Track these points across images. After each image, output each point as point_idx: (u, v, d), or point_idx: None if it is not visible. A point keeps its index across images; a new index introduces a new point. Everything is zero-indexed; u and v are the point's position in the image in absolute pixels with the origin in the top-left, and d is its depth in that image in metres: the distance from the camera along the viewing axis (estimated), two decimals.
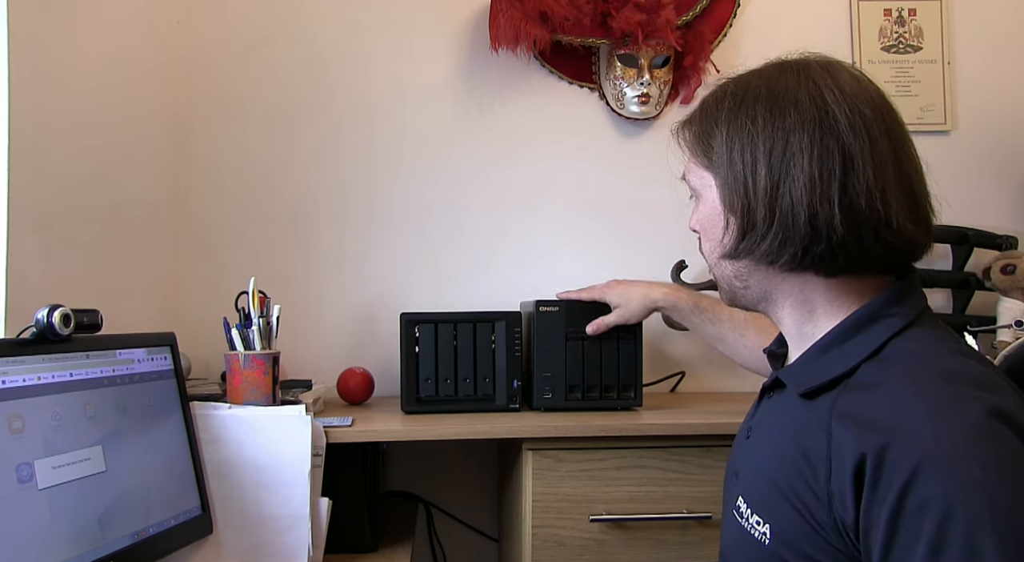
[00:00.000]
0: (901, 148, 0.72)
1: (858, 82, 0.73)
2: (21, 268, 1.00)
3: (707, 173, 0.77)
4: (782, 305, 0.77)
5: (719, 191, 0.75)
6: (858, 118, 0.70)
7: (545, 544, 1.14)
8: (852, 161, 0.68)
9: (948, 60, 1.66)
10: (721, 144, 0.74)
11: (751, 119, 0.72)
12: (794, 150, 0.69)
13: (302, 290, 1.53)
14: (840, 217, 0.68)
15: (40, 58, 1.06)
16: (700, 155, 0.77)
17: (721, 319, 1.20)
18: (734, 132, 0.73)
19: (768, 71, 0.75)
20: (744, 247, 0.73)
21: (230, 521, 1.05)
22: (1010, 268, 1.45)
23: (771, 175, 0.70)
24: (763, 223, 0.71)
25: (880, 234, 0.69)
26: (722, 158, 0.74)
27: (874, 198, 0.68)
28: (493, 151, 1.59)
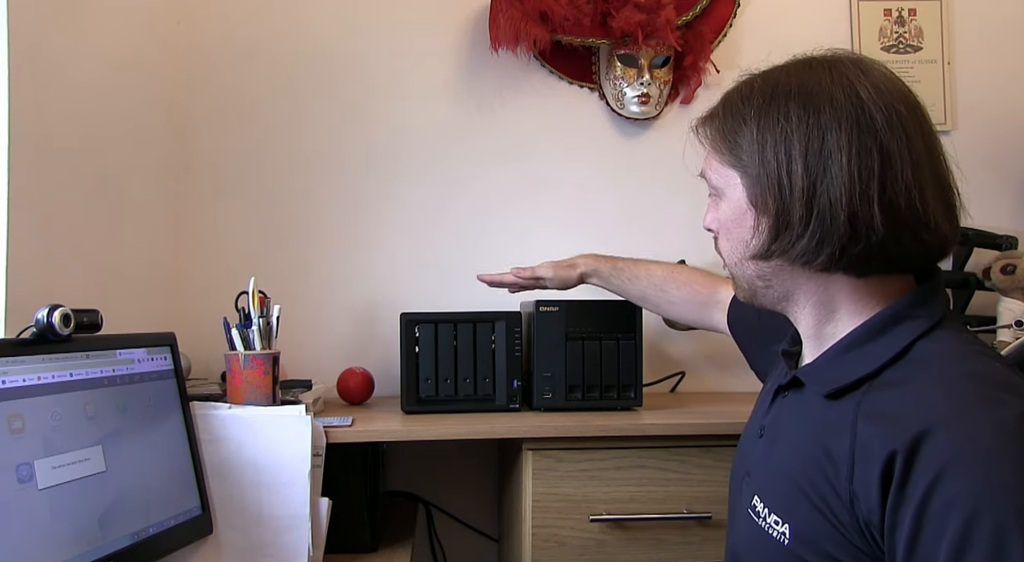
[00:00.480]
0: (935, 147, 0.71)
1: (890, 80, 0.71)
2: (21, 268, 1.00)
3: (732, 171, 0.74)
4: (803, 305, 0.75)
5: (747, 190, 0.73)
6: (895, 116, 0.68)
7: (545, 544, 1.14)
8: (891, 159, 0.67)
9: (948, 60, 1.66)
10: (751, 142, 0.71)
11: (784, 115, 0.69)
12: (831, 148, 0.67)
13: (302, 290, 1.53)
14: (880, 217, 0.66)
15: (40, 58, 1.06)
16: (725, 152, 0.75)
17: (639, 277, 1.23)
18: (766, 129, 0.70)
19: (796, 67, 0.73)
20: (778, 247, 0.71)
21: (230, 521, 1.05)
22: (1010, 268, 1.45)
23: (808, 174, 0.68)
24: (799, 223, 0.68)
25: (919, 234, 0.68)
26: (752, 156, 0.71)
27: (913, 197, 0.66)
28: (493, 151, 1.59)
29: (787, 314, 0.78)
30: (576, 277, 1.28)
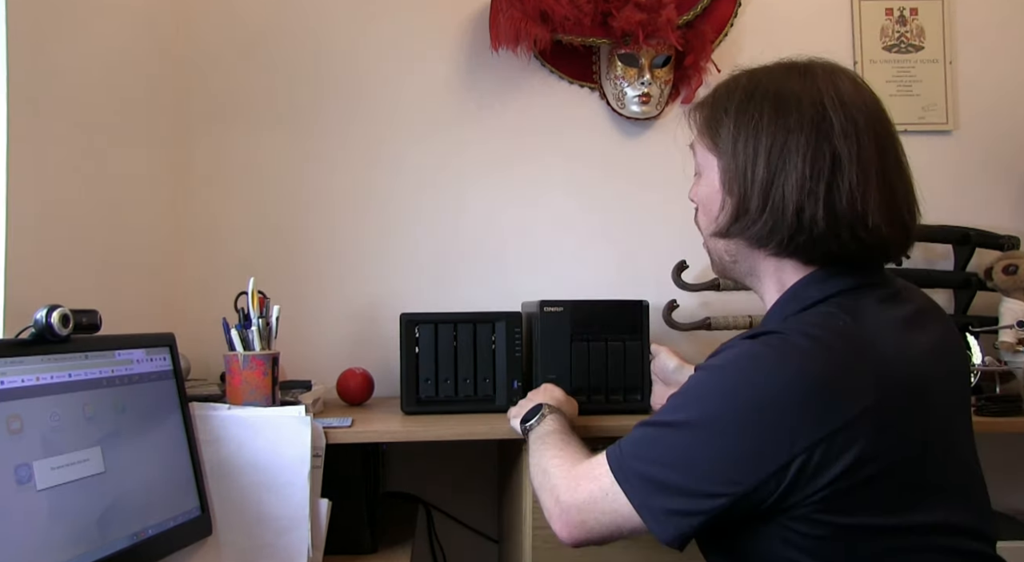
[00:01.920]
0: (889, 154, 0.79)
1: (857, 90, 0.80)
2: (20, 268, 1.00)
3: (711, 155, 0.84)
4: (764, 282, 0.85)
5: (720, 173, 0.83)
6: (851, 125, 0.76)
7: (546, 545, 1.14)
8: (840, 164, 0.76)
9: (950, 60, 1.65)
10: (728, 133, 0.81)
11: (757, 115, 0.79)
12: (791, 149, 0.77)
13: (302, 290, 1.53)
14: (823, 213, 0.75)
15: (39, 57, 1.06)
16: (707, 138, 0.85)
17: None
18: (741, 124, 0.80)
19: (777, 70, 0.83)
20: (736, 228, 0.81)
21: (229, 522, 1.05)
22: (1012, 268, 1.45)
23: (768, 169, 0.78)
24: (756, 210, 0.79)
25: (856, 232, 0.76)
26: (727, 145, 0.81)
27: (855, 200, 0.75)
28: (493, 151, 1.59)
29: (754, 290, 0.88)
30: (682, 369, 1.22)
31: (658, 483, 0.74)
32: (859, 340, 0.74)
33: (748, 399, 0.71)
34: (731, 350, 0.76)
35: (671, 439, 0.75)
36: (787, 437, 0.69)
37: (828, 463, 0.69)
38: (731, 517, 0.72)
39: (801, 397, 0.69)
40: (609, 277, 1.44)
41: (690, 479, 0.72)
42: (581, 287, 1.39)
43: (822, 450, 0.68)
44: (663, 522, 0.73)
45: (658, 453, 0.75)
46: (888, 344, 0.74)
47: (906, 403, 0.72)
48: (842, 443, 0.69)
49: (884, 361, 0.73)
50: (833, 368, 0.71)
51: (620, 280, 1.36)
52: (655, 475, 0.74)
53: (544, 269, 1.58)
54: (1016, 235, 1.55)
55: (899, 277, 0.86)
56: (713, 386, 0.75)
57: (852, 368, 0.71)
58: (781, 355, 0.72)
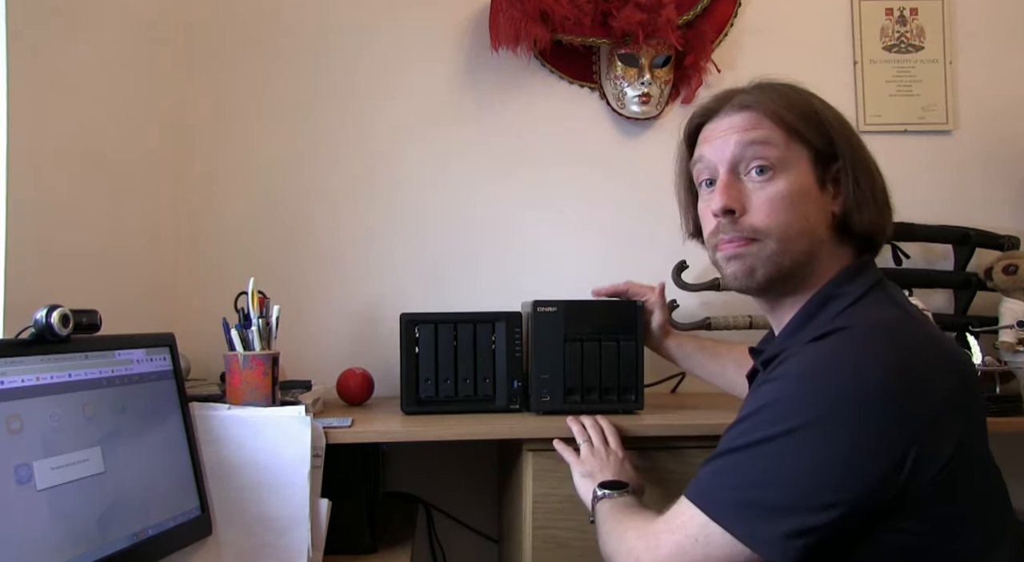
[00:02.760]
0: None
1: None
2: (20, 268, 1.00)
3: (804, 148, 0.84)
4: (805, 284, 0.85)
5: (811, 166, 0.84)
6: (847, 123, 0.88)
7: (546, 545, 1.14)
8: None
9: (950, 60, 1.65)
10: (837, 135, 0.84)
11: (842, 124, 0.87)
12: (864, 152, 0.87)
13: (302, 290, 1.53)
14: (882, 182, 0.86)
15: (39, 57, 1.06)
16: (804, 131, 0.84)
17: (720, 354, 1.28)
18: (837, 126, 0.85)
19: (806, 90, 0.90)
20: (854, 216, 0.86)
21: (229, 522, 1.05)
22: (1012, 268, 1.45)
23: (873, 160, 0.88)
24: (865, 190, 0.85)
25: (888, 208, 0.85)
26: (844, 146, 0.84)
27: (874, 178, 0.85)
28: (493, 151, 1.59)
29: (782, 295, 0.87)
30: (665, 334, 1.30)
31: (763, 506, 0.69)
32: (923, 329, 0.76)
33: (846, 396, 0.68)
34: (800, 356, 0.73)
35: (766, 457, 0.69)
36: (899, 429, 0.67)
37: (939, 447, 0.68)
38: (846, 527, 0.68)
39: (902, 386, 0.68)
40: (609, 277, 1.44)
41: (800, 494, 0.67)
42: (581, 287, 1.39)
43: (932, 435, 0.68)
44: (780, 547, 0.67)
45: (754, 475, 0.70)
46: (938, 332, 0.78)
47: (973, 389, 0.75)
48: (948, 427, 0.69)
49: (948, 348, 0.75)
50: (923, 352, 0.72)
51: (620, 280, 1.36)
52: (757, 498, 0.69)
53: (544, 269, 1.58)
54: (1016, 235, 1.55)
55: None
56: (801, 392, 0.70)
57: (933, 351, 0.73)
58: (865, 347, 0.71)
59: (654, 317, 1.29)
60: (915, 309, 0.81)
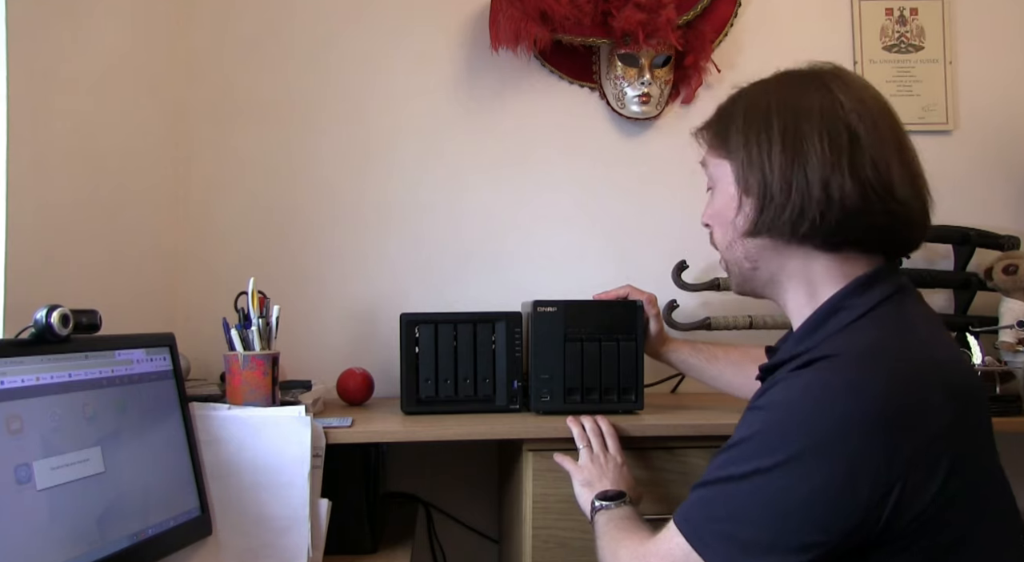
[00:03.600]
0: (900, 135, 0.79)
1: (859, 80, 0.82)
2: (20, 268, 1.00)
3: (724, 162, 0.84)
4: (787, 287, 0.83)
5: (734, 174, 0.82)
6: (862, 105, 0.77)
7: (546, 545, 1.14)
8: (858, 138, 0.76)
9: (950, 60, 1.65)
10: (737, 132, 0.81)
11: (764, 110, 0.80)
12: (805, 132, 0.77)
13: (302, 290, 1.53)
14: (851, 183, 0.74)
15: (39, 57, 1.06)
16: (718, 147, 0.85)
17: (717, 358, 1.27)
18: (749, 122, 0.81)
19: (778, 77, 0.84)
20: (763, 221, 0.79)
21: (229, 522, 1.05)
22: (1012, 268, 1.45)
23: (785, 152, 0.77)
24: (780, 194, 0.77)
25: (887, 204, 0.75)
26: (738, 144, 0.81)
27: (879, 169, 0.75)
28: (493, 151, 1.59)
29: (775, 299, 0.86)
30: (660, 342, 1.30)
31: (744, 542, 0.68)
32: (920, 350, 0.72)
33: (829, 431, 0.66)
34: (786, 383, 0.71)
35: (749, 491, 0.69)
36: (881, 464, 0.65)
37: (925, 483, 0.66)
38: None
39: (887, 421, 0.66)
40: (609, 277, 1.44)
41: (782, 532, 0.67)
42: (581, 287, 1.39)
43: (918, 471, 0.65)
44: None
45: (737, 510, 0.69)
46: (943, 352, 0.74)
47: (973, 409, 0.72)
48: (933, 461, 0.66)
49: (946, 370, 0.71)
50: (910, 385, 0.68)
51: (620, 280, 1.36)
52: (738, 534, 0.68)
53: (544, 269, 1.58)
54: (1016, 235, 1.55)
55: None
56: (783, 424, 0.69)
57: (926, 382, 0.69)
58: (852, 378, 0.68)
59: (650, 326, 1.28)
60: (928, 326, 0.76)
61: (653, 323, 1.29)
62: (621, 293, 1.31)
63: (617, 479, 1.05)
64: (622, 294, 1.31)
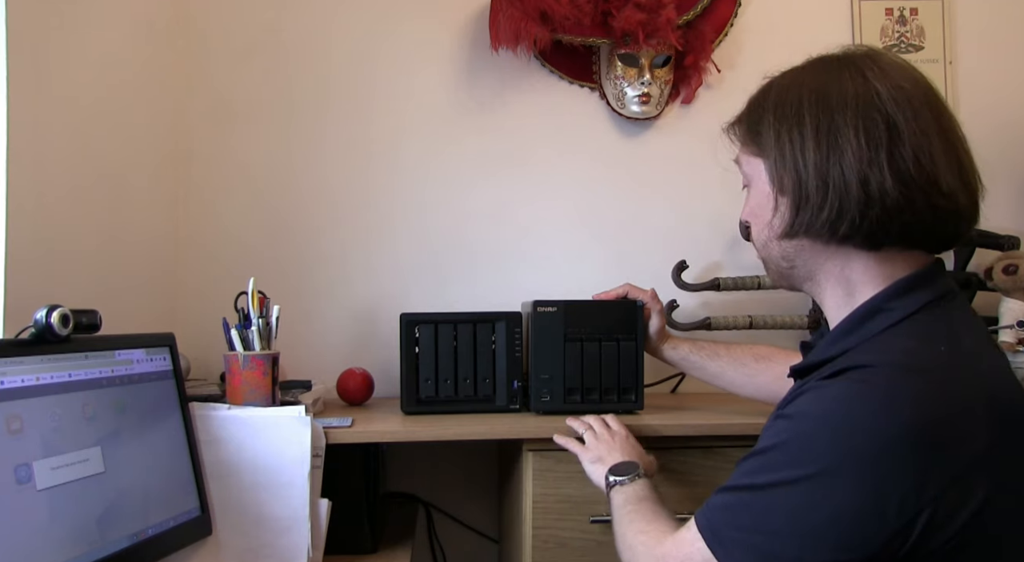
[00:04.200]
0: (944, 120, 0.75)
1: (898, 64, 0.76)
2: (20, 268, 1.00)
3: (756, 159, 0.80)
4: (825, 286, 0.80)
5: (768, 174, 0.78)
6: (900, 92, 0.73)
7: (546, 545, 1.14)
8: (897, 129, 0.71)
9: (950, 60, 1.65)
10: (768, 129, 0.77)
11: (796, 103, 0.76)
12: (839, 125, 0.72)
13: (302, 290, 1.53)
14: (891, 180, 0.70)
15: (39, 58, 1.06)
16: (750, 144, 0.81)
17: (719, 355, 1.25)
18: (781, 117, 0.76)
19: (811, 63, 0.80)
20: (800, 223, 0.75)
21: (229, 522, 1.05)
22: (1012, 268, 1.45)
23: (819, 149, 0.73)
24: (816, 194, 0.73)
25: (931, 198, 0.71)
26: (770, 142, 0.77)
27: (921, 162, 0.71)
28: (493, 151, 1.59)
29: (813, 296, 0.83)
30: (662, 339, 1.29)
31: (765, 554, 0.66)
32: (963, 364, 0.68)
33: (859, 448, 0.63)
34: (817, 393, 0.68)
35: (774, 502, 0.67)
36: (911, 487, 0.62)
37: (958, 509, 0.62)
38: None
39: (920, 441, 0.62)
40: (609, 277, 1.44)
41: (805, 546, 0.64)
42: (581, 287, 1.39)
43: (951, 496, 0.62)
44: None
45: (760, 520, 0.67)
46: (988, 365, 0.70)
47: (1020, 428, 0.67)
48: (969, 486, 0.62)
49: (992, 385, 0.67)
50: (950, 403, 0.64)
51: (620, 280, 1.36)
52: (761, 545, 0.66)
53: (544, 269, 1.58)
54: (1016, 235, 1.55)
55: None
56: (810, 438, 0.66)
57: (967, 400, 0.65)
58: (886, 393, 0.64)
59: (651, 322, 1.28)
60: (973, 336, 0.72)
61: (655, 319, 1.28)
62: (621, 293, 1.30)
63: (626, 449, 1.05)
64: (622, 293, 1.30)
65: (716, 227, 1.58)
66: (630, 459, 1.02)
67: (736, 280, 1.50)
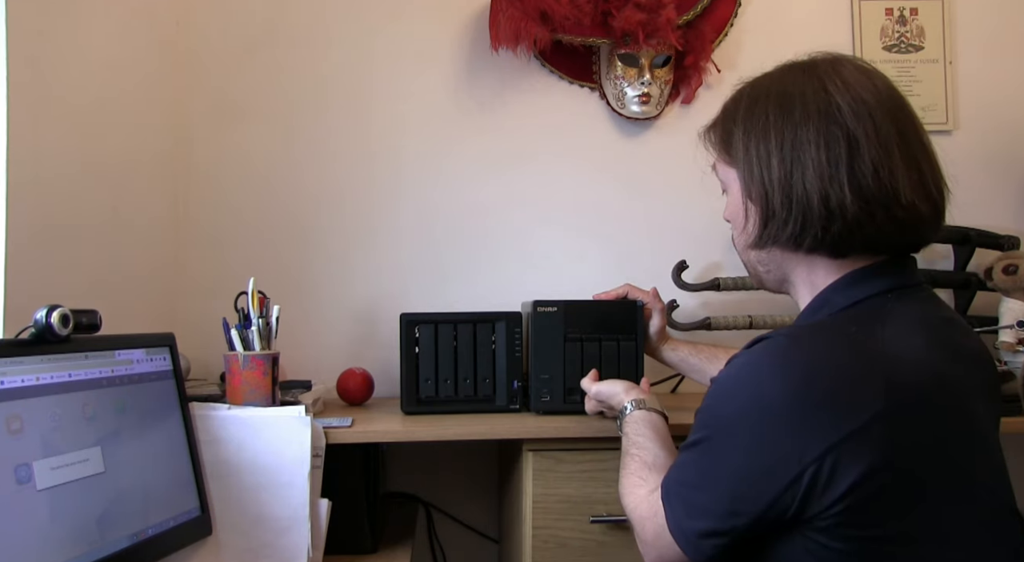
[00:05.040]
0: (907, 131, 0.76)
1: (861, 73, 0.78)
2: (20, 268, 1.00)
3: (730, 169, 0.84)
4: (798, 287, 0.83)
5: (741, 184, 0.82)
6: (861, 105, 0.75)
7: (546, 545, 1.14)
8: (857, 145, 0.74)
9: (950, 59, 1.65)
10: (739, 141, 0.81)
11: (763, 116, 0.78)
12: (802, 140, 0.75)
13: (302, 290, 1.53)
14: (851, 197, 0.73)
15: (39, 58, 1.06)
16: (723, 153, 0.85)
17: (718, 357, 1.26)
18: (749, 129, 0.80)
19: (778, 72, 0.82)
20: (767, 234, 0.79)
21: (229, 522, 1.05)
22: (1012, 268, 1.45)
23: (783, 165, 0.76)
24: (781, 210, 0.77)
25: (891, 211, 0.74)
26: (739, 154, 0.81)
27: (881, 177, 0.73)
28: (493, 151, 1.59)
29: (791, 296, 0.86)
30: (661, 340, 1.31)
31: (688, 505, 0.74)
32: (869, 343, 0.71)
33: (751, 411, 0.70)
34: (737, 359, 0.74)
35: (695, 459, 0.75)
36: (794, 448, 0.67)
37: (840, 474, 0.66)
38: (755, 532, 0.71)
39: (803, 405, 0.67)
40: (609, 277, 1.44)
41: (713, 498, 0.72)
42: (581, 287, 1.39)
43: (832, 460, 0.66)
44: (695, 544, 0.73)
45: (688, 475, 0.76)
46: (908, 349, 0.71)
47: (922, 411, 0.69)
48: (853, 451, 0.66)
49: (897, 366, 0.69)
50: (836, 372, 0.68)
51: (620, 280, 1.36)
52: (686, 497, 0.75)
53: (544, 269, 1.58)
54: (1016, 235, 1.55)
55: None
56: (721, 399, 0.74)
57: (858, 372, 0.68)
58: (777, 362, 0.70)
59: (652, 322, 1.28)
60: (911, 325, 0.73)
61: (656, 318, 1.28)
62: (621, 293, 1.31)
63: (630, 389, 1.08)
64: (622, 293, 1.30)
65: (716, 227, 1.57)
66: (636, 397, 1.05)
67: (736, 280, 1.50)
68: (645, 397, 1.04)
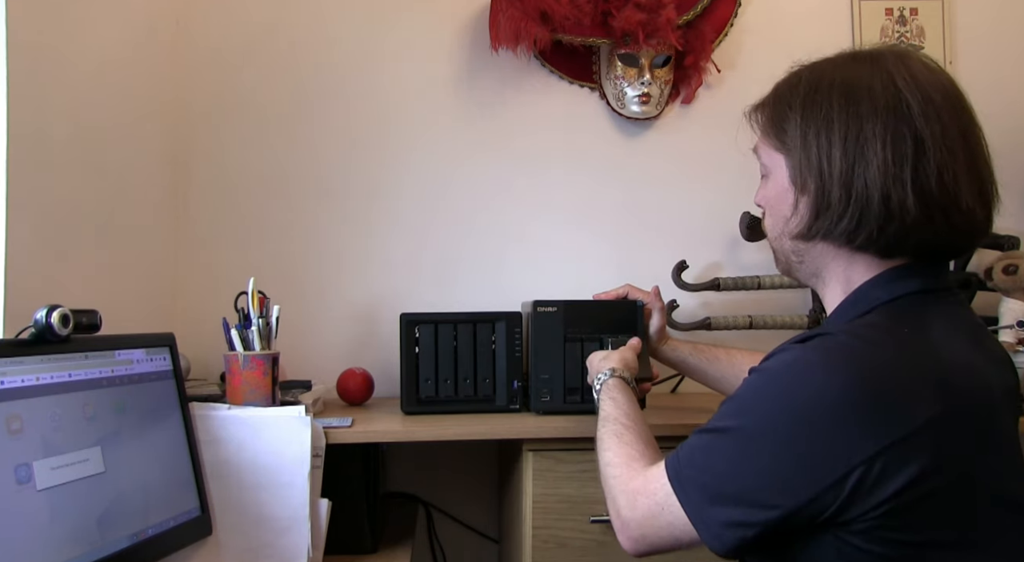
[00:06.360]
0: (970, 133, 0.76)
1: (929, 70, 0.76)
2: (20, 268, 1.00)
3: (778, 154, 0.80)
4: (830, 283, 0.81)
5: (789, 171, 0.79)
6: (930, 105, 0.73)
7: (546, 545, 1.14)
8: (923, 146, 0.72)
9: (950, 60, 1.65)
10: (795, 128, 0.77)
11: (826, 105, 0.75)
12: (868, 135, 0.73)
13: (302, 290, 1.53)
14: (913, 199, 0.71)
15: (39, 57, 1.06)
16: (772, 137, 0.81)
17: (719, 359, 1.25)
18: (809, 118, 0.76)
19: (842, 60, 0.79)
20: (819, 226, 0.76)
21: (229, 522, 1.05)
22: (1012, 268, 1.45)
23: (846, 158, 0.73)
24: (838, 204, 0.74)
25: (950, 216, 0.72)
26: (795, 141, 0.77)
27: (945, 181, 0.72)
28: (493, 151, 1.59)
29: (816, 289, 0.85)
30: (661, 340, 1.29)
31: (713, 493, 0.71)
32: (922, 345, 0.70)
33: (800, 407, 0.67)
34: (784, 354, 0.73)
35: (725, 447, 0.72)
36: (844, 448, 0.65)
37: (889, 476, 0.64)
38: (786, 528, 0.69)
39: (858, 405, 0.65)
40: (609, 277, 1.44)
41: (745, 489, 0.69)
42: (581, 287, 1.39)
43: (883, 462, 0.64)
44: (718, 534, 0.70)
45: (713, 461, 0.72)
46: (956, 352, 0.71)
47: (971, 415, 0.69)
48: (904, 455, 0.64)
49: (949, 369, 0.69)
50: (894, 374, 0.67)
51: (620, 280, 1.36)
52: (709, 484, 0.71)
53: (544, 269, 1.58)
54: (1016, 235, 1.55)
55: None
56: (765, 392, 0.71)
57: (914, 375, 0.67)
58: (835, 359, 0.68)
59: (652, 321, 1.28)
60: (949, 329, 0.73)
61: (657, 316, 1.28)
62: (621, 293, 1.30)
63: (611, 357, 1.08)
64: (622, 294, 1.30)
65: (716, 227, 1.58)
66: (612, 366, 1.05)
67: (736, 280, 1.51)
68: (617, 366, 1.04)
